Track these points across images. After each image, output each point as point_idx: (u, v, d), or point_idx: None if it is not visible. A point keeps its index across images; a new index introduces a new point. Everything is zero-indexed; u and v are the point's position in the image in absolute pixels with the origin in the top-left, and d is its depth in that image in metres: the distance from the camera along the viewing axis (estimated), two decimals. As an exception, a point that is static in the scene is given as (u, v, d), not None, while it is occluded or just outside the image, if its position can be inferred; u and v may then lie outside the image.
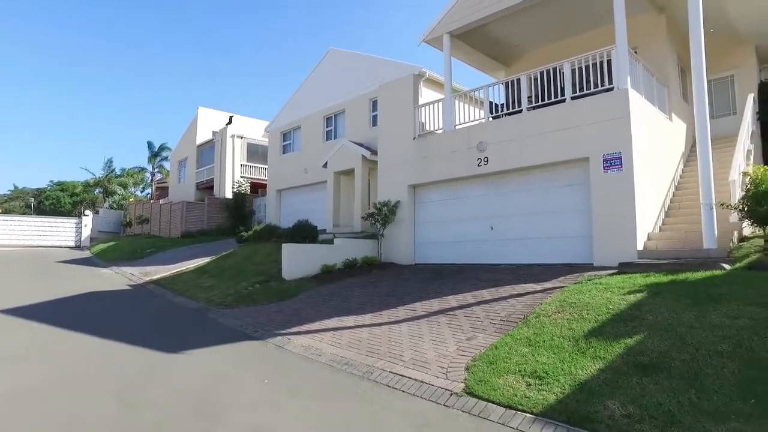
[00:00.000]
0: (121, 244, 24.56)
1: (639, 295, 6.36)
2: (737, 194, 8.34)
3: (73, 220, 29.88)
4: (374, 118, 16.71)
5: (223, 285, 12.18)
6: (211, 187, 26.95)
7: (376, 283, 10.36)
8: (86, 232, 28.70)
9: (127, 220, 30.10)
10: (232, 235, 19.22)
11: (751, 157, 10.67)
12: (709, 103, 13.59)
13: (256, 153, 26.83)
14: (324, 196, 17.25)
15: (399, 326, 7.17)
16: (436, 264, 11.75)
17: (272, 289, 10.85)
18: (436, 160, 11.97)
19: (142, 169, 46.59)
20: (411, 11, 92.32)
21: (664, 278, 6.95)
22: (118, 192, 44.67)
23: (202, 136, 28.35)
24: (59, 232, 28.54)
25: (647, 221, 9.22)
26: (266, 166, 23.77)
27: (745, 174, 7.83)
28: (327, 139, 18.89)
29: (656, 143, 10.10)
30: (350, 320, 7.83)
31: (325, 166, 16.95)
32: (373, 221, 12.67)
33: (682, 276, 6.90)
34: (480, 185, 11.40)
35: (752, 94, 11.92)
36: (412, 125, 12.75)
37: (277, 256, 12.29)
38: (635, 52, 11.59)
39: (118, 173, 46.93)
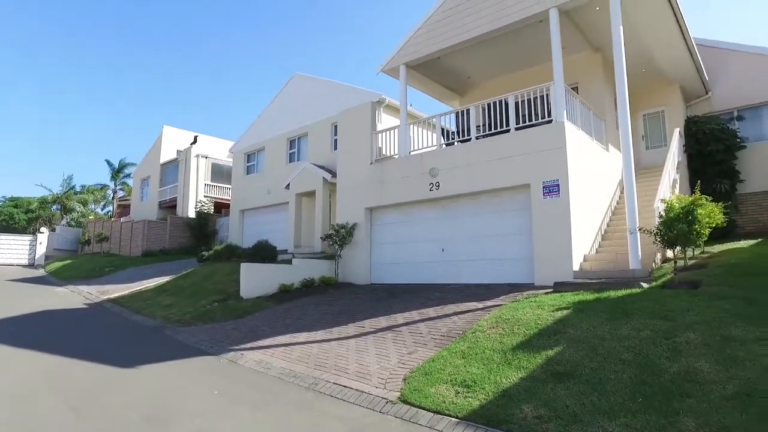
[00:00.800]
0: (79, 263, 24.11)
1: (565, 312, 6.99)
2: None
3: (27, 238, 29.02)
4: (336, 141, 17.26)
5: (181, 303, 12.32)
6: (175, 206, 26.85)
7: (330, 301, 10.76)
8: (41, 250, 27.94)
9: (86, 238, 29.50)
10: (195, 255, 19.26)
11: (677, 186, 11.68)
12: (643, 135, 14.94)
13: (220, 173, 26.96)
14: (286, 217, 17.62)
15: (347, 342, 7.59)
16: (391, 284, 12.23)
17: (230, 307, 11.09)
18: (392, 184, 12.56)
19: (104, 186, 45.65)
20: (379, 38, 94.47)
21: (591, 296, 7.62)
22: (77, 209, 43.59)
23: (167, 154, 28.32)
24: (11, 250, 27.66)
25: (584, 244, 9.99)
26: (230, 186, 23.94)
27: (662, 201, 8.66)
28: (290, 161, 19.32)
29: (593, 171, 10.96)
30: (302, 336, 8.19)
31: (287, 187, 17.34)
32: (331, 242, 13.11)
33: (605, 294, 7.59)
34: (432, 209, 12.02)
35: (678, 129, 13.04)
36: (370, 150, 13.36)
37: (236, 276, 12.53)
38: (576, 87, 12.66)
39: (79, 190, 45.85)
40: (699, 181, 11.03)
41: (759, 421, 3.84)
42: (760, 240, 11.25)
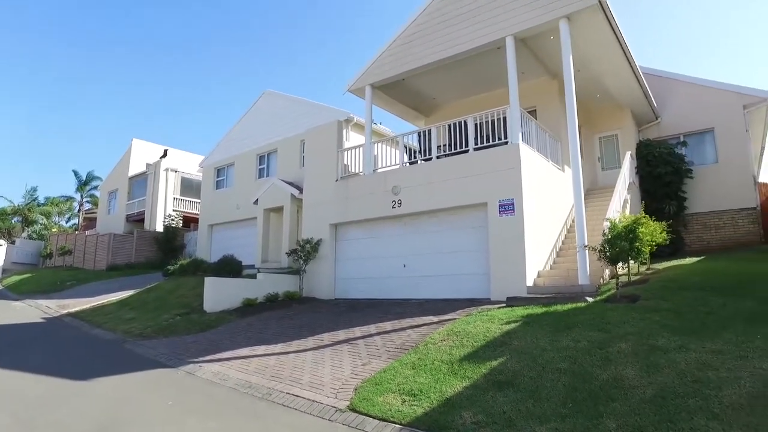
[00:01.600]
0: (39, 276, 23.54)
1: (513, 325, 7.34)
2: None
3: (-17, 250, 28.20)
4: (305, 158, 17.55)
5: (144, 317, 12.25)
6: (142, 220, 26.55)
7: (292, 315, 10.91)
8: (-2, 262, 27.19)
9: (48, 252, 28.81)
10: (161, 269, 19.10)
11: (628, 206, 12.30)
12: (599, 157, 15.64)
13: (190, 187, 26.85)
14: (254, 232, 17.70)
15: (305, 354, 7.77)
16: (354, 299, 12.45)
17: (193, 321, 11.11)
18: (357, 201, 12.86)
19: (69, 199, 44.70)
20: (347, 59, 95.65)
21: (539, 310, 8.01)
22: (40, 221, 42.45)
23: (135, 167, 28.06)
24: (-36, 263, 26.83)
25: (538, 260, 10.43)
26: (199, 201, 23.86)
27: (607, 220, 9.19)
28: (259, 177, 19.48)
29: (548, 191, 11.48)
30: (261, 349, 8.33)
31: (256, 203, 17.47)
32: (296, 257, 13.28)
33: (553, 308, 7.99)
34: (395, 225, 12.35)
35: (630, 152, 13.78)
36: (336, 168, 13.65)
37: (200, 290, 12.55)
38: (535, 111, 13.29)
39: (42, 202, 44.71)
40: (644, 202, 11.71)
41: (669, 421, 4.21)
42: (702, 257, 11.92)
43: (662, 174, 14.54)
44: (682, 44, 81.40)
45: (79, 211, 42.88)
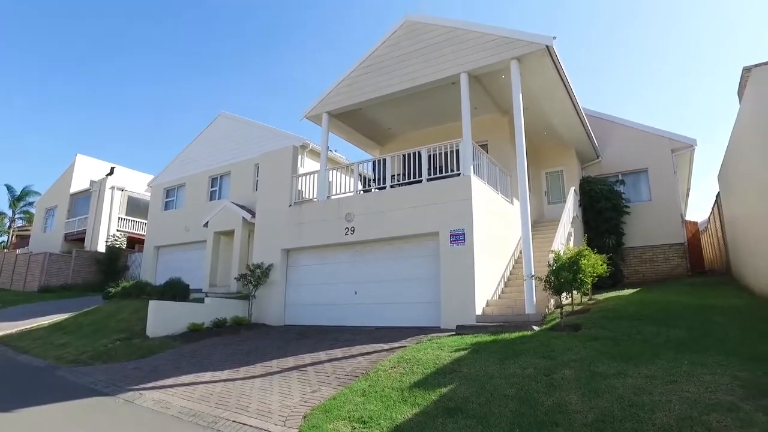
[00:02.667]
0: (-40, 298, 21.76)
1: (463, 353, 7.48)
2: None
3: None
4: (258, 182, 17.44)
5: (79, 342, 11.57)
6: (83, 239, 25.27)
7: (241, 342, 10.63)
8: None
9: (-29, 271, 26.75)
10: (101, 292, 18.16)
11: (572, 238, 12.90)
12: (546, 191, 16.36)
13: (137, 207, 25.91)
14: (203, 255, 17.23)
15: (253, 381, 7.58)
16: (305, 325, 12.31)
17: (134, 347, 10.60)
18: (310, 227, 12.84)
19: (0, 214, 41.92)
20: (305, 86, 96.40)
21: (488, 338, 8.21)
22: (-36, 238, 39.52)
23: (78, 184, 26.82)
24: None
25: (487, 289, 10.71)
26: (146, 221, 23.02)
27: (552, 252, 9.62)
28: (211, 199, 19.12)
29: (497, 222, 11.90)
30: (207, 376, 8.06)
31: (206, 225, 17.08)
32: (246, 282, 13.03)
33: (501, 336, 8.21)
34: (347, 252, 12.39)
35: (573, 187, 14.56)
36: (290, 193, 13.62)
37: (143, 314, 12.03)
38: (486, 145, 13.84)
39: (-33, 217, 41.69)
40: (586, 235, 12.33)
41: (607, 445, 4.42)
42: (638, 289, 12.62)
43: (603, 209, 15.39)
44: (624, 90, 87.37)
45: (9, 227, 40.24)
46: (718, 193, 14.57)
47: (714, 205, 15.75)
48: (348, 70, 13.23)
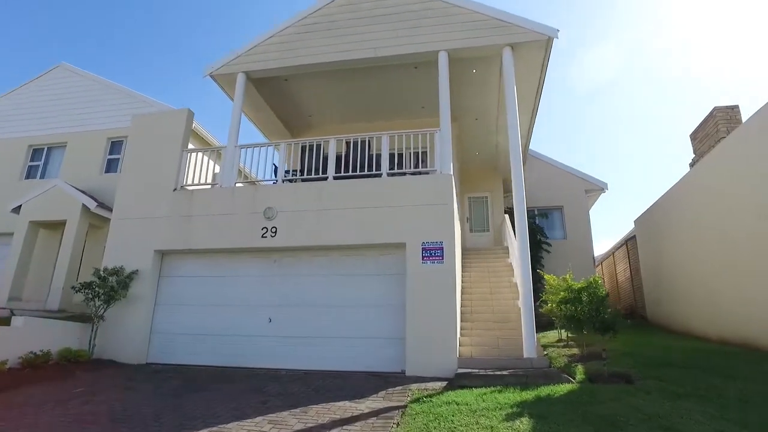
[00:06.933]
0: None
1: (525, 421, 4.77)
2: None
3: None
4: (112, 162, 12.71)
5: None
6: None
7: (85, 396, 6.27)
8: None
9: None
10: None
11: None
12: (468, 217, 14.67)
13: None
14: (5, 253, 11.60)
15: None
16: (182, 365, 8.29)
17: None
18: (205, 222, 9.01)
19: None
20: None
21: (527, 395, 5.64)
22: None
23: None
24: None
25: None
26: None
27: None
28: (29, 177, 13.43)
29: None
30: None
31: (16, 210, 11.62)
32: (91, 296, 8.50)
33: (543, 391, 5.71)
34: (261, 263, 8.87)
35: (507, 215, 13.14)
36: (176, 173, 9.61)
37: None
38: (426, 152, 11.63)
39: None
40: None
41: None
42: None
43: (526, 243, 14.25)
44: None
45: None
46: (633, 237, 14.52)
47: (622, 247, 15.82)
48: (282, 24, 10.03)
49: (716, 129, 10.19)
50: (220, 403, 5.86)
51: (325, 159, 9.25)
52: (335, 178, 8.99)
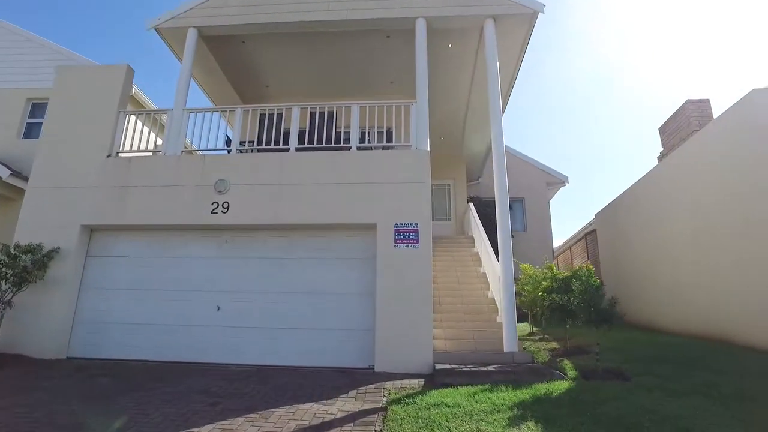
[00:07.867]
0: None
1: (531, 426, 4.10)
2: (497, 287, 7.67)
3: None
4: (33, 127, 11.06)
5: None
6: None
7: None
8: None
9: None
10: None
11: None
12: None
13: None
14: None
15: None
16: (117, 360, 7.10)
17: None
18: (143, 195, 7.78)
19: None
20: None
21: (523, 394, 5.01)
22: None
23: None
24: None
25: (426, 315, 7.51)
26: None
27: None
28: None
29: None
30: None
31: None
32: (-2, 277, 7.09)
33: (539, 390, 5.12)
34: (209, 242, 7.78)
35: (471, 203, 12.63)
36: (111, 137, 8.29)
37: None
38: (392, 130, 10.87)
39: None
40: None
41: None
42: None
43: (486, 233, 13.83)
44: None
45: None
46: (592, 231, 14.44)
47: (581, 241, 15.76)
48: (242, -25, 8.89)
49: (688, 122, 10.08)
50: (158, 408, 4.83)
51: (287, 132, 8.24)
52: (298, 149, 8.02)
